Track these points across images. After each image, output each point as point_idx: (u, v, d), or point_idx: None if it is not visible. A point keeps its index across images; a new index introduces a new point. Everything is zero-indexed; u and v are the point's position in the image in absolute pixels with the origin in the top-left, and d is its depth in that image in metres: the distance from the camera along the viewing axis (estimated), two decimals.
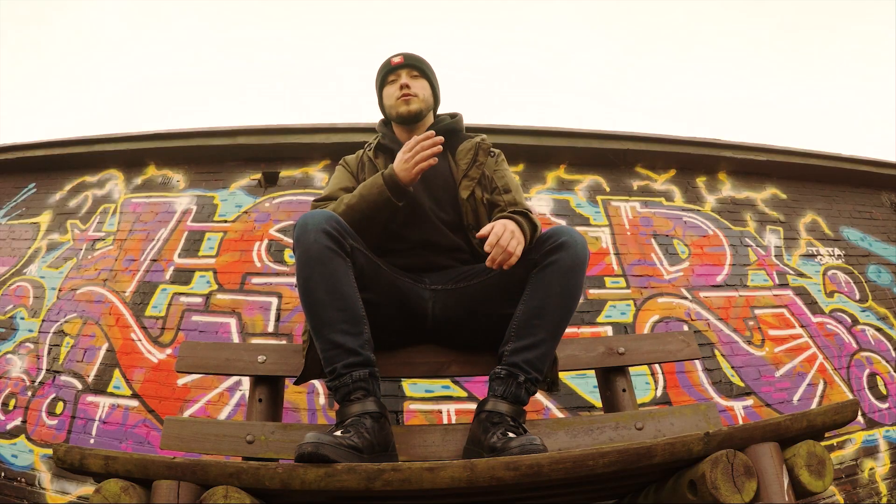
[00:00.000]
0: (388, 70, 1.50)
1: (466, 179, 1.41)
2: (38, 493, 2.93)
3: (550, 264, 1.16)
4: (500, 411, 1.09)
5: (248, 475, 0.81)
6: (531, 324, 1.15)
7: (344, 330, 1.09)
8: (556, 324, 1.16)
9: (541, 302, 1.15)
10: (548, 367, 1.20)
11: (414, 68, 1.50)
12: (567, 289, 1.15)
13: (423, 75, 1.51)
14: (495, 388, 1.13)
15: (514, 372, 1.12)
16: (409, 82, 1.46)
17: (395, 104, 1.46)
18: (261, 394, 1.33)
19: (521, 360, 1.13)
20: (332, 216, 1.16)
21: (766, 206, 4.43)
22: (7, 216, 4.24)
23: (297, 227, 1.15)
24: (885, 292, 4.21)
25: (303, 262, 1.11)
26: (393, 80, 1.50)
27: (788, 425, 0.88)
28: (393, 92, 1.48)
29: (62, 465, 0.85)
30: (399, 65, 1.49)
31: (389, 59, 1.51)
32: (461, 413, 3.12)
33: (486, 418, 1.09)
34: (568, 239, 1.16)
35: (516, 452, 0.92)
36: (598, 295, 3.66)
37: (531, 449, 0.92)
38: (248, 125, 4.15)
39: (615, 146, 4.23)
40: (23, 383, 3.35)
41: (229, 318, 3.45)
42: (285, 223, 3.85)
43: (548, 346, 1.15)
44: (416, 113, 1.46)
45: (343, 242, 1.14)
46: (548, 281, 1.15)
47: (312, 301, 1.11)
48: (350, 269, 1.14)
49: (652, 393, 3.31)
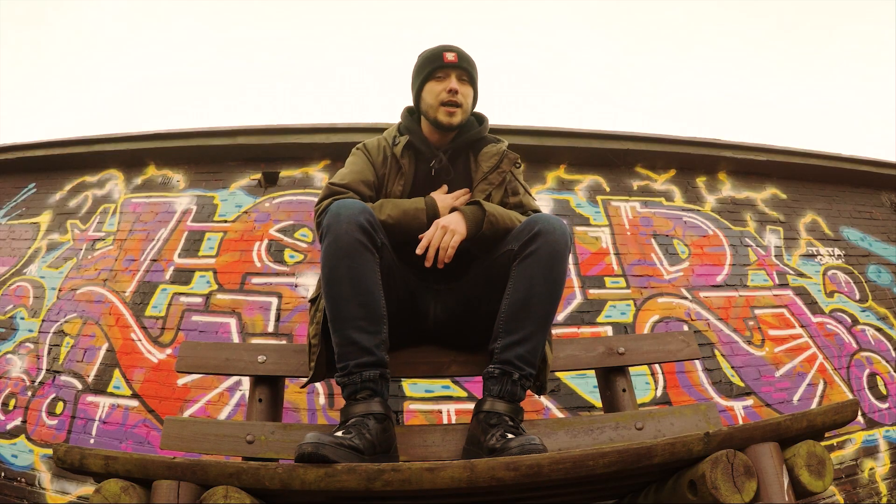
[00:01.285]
0: (438, 65, 1.36)
1: (485, 183, 1.36)
2: (38, 493, 2.93)
3: (530, 255, 1.14)
4: (498, 411, 1.08)
5: (248, 475, 0.81)
6: (518, 317, 1.13)
7: (362, 327, 1.08)
8: (543, 314, 1.14)
9: (525, 294, 1.13)
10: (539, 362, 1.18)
11: (465, 72, 1.38)
12: (550, 278, 1.13)
13: (470, 81, 1.40)
14: (490, 387, 1.12)
15: (507, 370, 1.11)
16: (459, 88, 1.35)
17: (438, 109, 1.35)
18: (261, 394, 1.33)
19: (513, 356, 1.12)
20: (366, 208, 1.13)
21: (766, 206, 4.43)
22: (7, 216, 4.24)
23: (328, 213, 1.11)
24: (885, 292, 4.21)
25: (331, 252, 1.08)
26: (441, 77, 1.37)
27: (788, 425, 0.88)
28: (438, 92, 1.35)
29: (62, 465, 0.85)
30: (453, 64, 1.36)
31: (442, 51, 1.38)
32: (461, 413, 3.12)
33: (485, 419, 1.08)
34: (544, 226, 1.14)
35: (516, 453, 0.91)
36: (598, 295, 3.66)
37: (530, 449, 0.91)
38: (248, 125, 4.15)
39: (615, 146, 4.23)
40: (23, 383, 3.35)
41: (229, 318, 3.45)
42: (285, 223, 3.85)
43: (537, 339, 1.14)
44: (457, 126, 1.36)
45: (375, 237, 1.11)
46: (529, 272, 1.13)
47: (335, 294, 1.09)
48: (377, 266, 1.12)
49: (652, 393, 3.31)
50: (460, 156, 1.41)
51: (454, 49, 1.39)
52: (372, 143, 1.44)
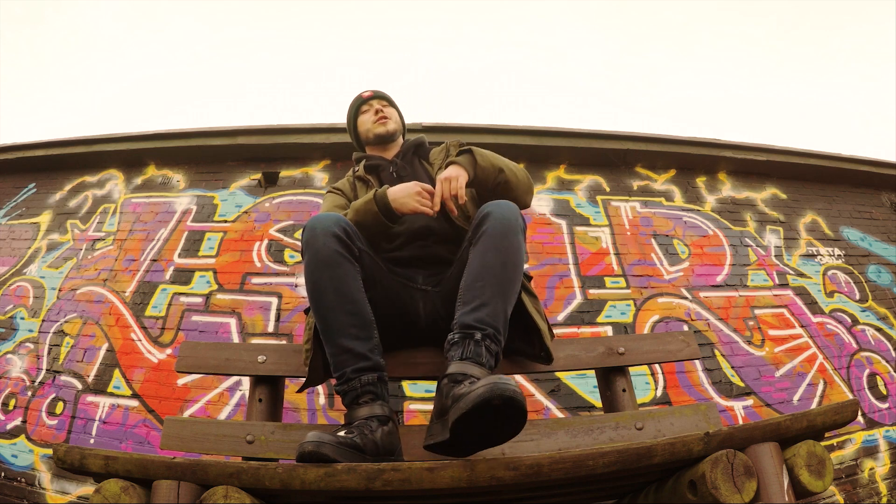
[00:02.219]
0: (360, 102, 1.72)
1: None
2: (38, 493, 2.93)
3: (482, 234, 1.16)
4: (465, 372, 0.96)
5: (248, 475, 0.81)
6: (473, 287, 1.11)
7: (353, 335, 1.09)
8: (500, 281, 1.10)
9: (479, 266, 1.13)
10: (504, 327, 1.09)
11: (383, 99, 1.72)
12: (501, 248, 1.13)
13: (391, 105, 1.73)
14: (452, 353, 1.03)
15: (467, 333, 1.04)
16: (382, 108, 1.67)
17: (373, 126, 1.65)
18: (261, 394, 1.33)
19: (471, 319, 1.05)
20: (340, 219, 1.16)
21: (766, 206, 4.43)
22: (7, 216, 4.24)
23: (305, 229, 1.16)
24: (885, 292, 4.21)
25: (312, 265, 1.12)
26: (366, 110, 1.70)
27: (788, 425, 0.88)
28: (368, 118, 1.67)
29: (62, 465, 0.85)
30: (370, 97, 1.71)
31: (360, 94, 1.74)
32: None
33: (449, 380, 0.96)
34: (492, 208, 1.18)
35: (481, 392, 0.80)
36: (598, 295, 3.66)
37: (502, 386, 0.80)
38: (248, 125, 4.15)
39: (615, 146, 4.23)
40: (23, 383, 3.35)
41: (229, 318, 3.45)
42: (285, 223, 3.85)
43: (497, 304, 1.08)
44: (392, 132, 1.64)
45: (352, 246, 1.15)
46: (482, 248, 1.14)
47: (322, 305, 1.11)
48: (359, 273, 1.15)
49: (652, 393, 3.31)
50: (412, 162, 1.61)
51: (369, 89, 1.76)
52: (339, 182, 1.64)
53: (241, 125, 4.15)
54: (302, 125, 4.10)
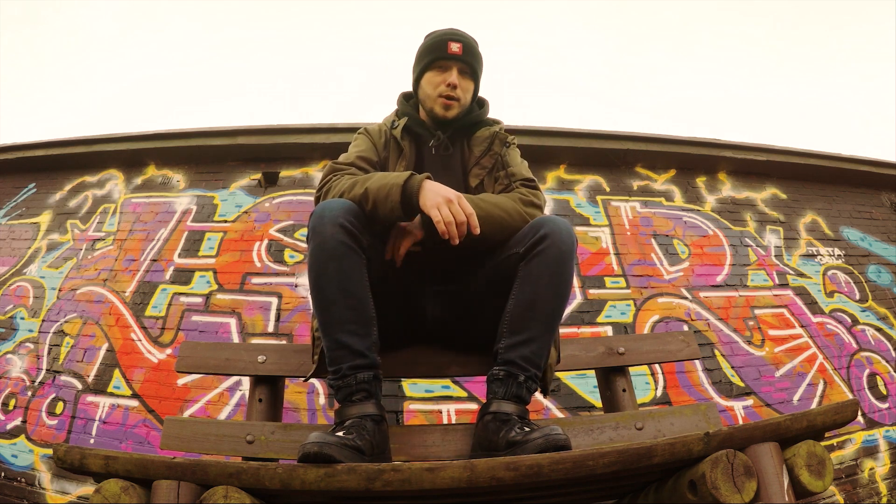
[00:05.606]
0: (441, 56, 1.34)
1: (477, 168, 1.36)
2: (38, 493, 2.93)
3: (537, 255, 1.12)
4: (507, 411, 1.05)
5: (248, 475, 0.81)
6: (523, 318, 1.10)
7: (352, 330, 1.06)
8: (549, 316, 1.12)
9: (531, 295, 1.11)
10: (545, 364, 1.15)
11: (468, 66, 1.35)
12: (557, 278, 1.11)
13: (472, 75, 1.37)
14: (495, 389, 1.09)
15: (512, 371, 1.09)
16: (459, 82, 1.33)
17: (435, 101, 1.34)
18: (261, 394, 1.33)
19: (517, 356, 1.09)
20: (349, 207, 1.10)
21: (766, 206, 4.43)
22: (7, 216, 4.24)
23: (312, 216, 1.10)
24: (885, 292, 4.21)
25: (316, 255, 1.07)
26: (442, 67, 1.34)
27: (788, 425, 0.88)
28: (438, 84, 1.34)
29: (62, 465, 0.85)
30: (456, 56, 1.33)
31: (447, 40, 1.34)
32: (461, 413, 3.12)
33: (494, 418, 1.06)
34: (552, 228, 1.12)
35: (540, 444, 0.89)
36: (598, 295, 3.66)
37: (555, 440, 0.88)
38: (248, 125, 4.15)
39: (615, 146, 4.23)
40: (23, 383, 3.35)
41: (229, 318, 3.45)
42: (285, 223, 3.85)
43: (543, 341, 1.11)
44: (451, 119, 1.35)
45: (360, 238, 1.09)
46: (536, 273, 1.11)
47: (323, 297, 1.07)
48: (364, 267, 1.10)
49: (652, 393, 3.31)
50: (457, 141, 1.39)
51: (460, 39, 1.35)
52: (373, 126, 1.43)
53: (241, 125, 4.15)
54: (302, 125, 4.10)
